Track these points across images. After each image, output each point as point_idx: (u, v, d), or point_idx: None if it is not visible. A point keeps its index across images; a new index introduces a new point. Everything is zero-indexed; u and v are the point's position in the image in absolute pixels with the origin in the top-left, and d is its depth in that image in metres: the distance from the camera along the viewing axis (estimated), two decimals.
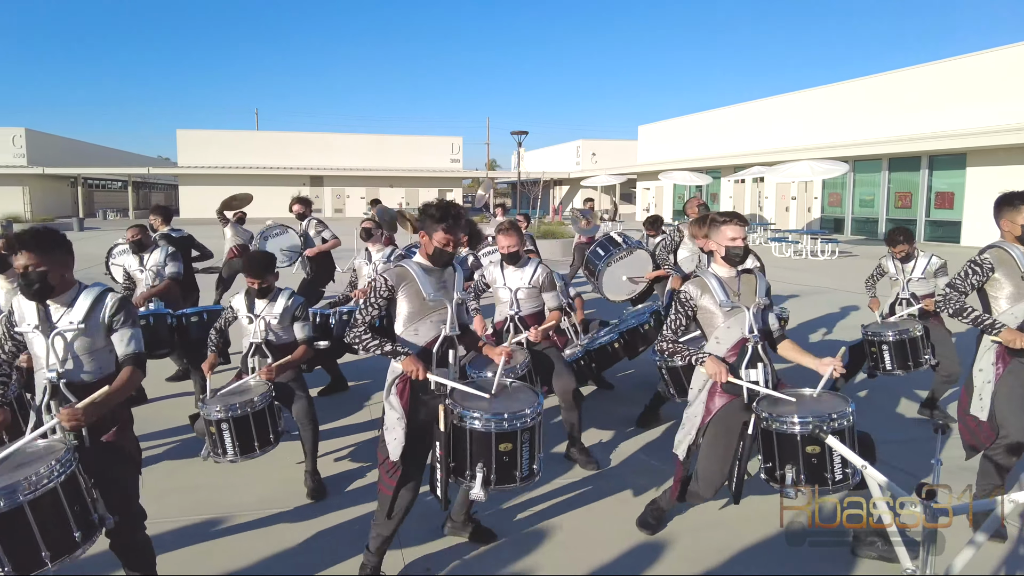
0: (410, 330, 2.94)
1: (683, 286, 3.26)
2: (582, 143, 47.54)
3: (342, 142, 42.02)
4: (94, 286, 2.64)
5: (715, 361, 3.07)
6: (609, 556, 3.27)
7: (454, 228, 2.90)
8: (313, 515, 3.65)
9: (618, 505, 3.77)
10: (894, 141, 21.82)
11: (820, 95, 26.58)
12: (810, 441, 2.80)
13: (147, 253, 5.70)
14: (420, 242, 3.01)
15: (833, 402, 3.02)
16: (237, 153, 39.60)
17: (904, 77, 22.79)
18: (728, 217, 3.21)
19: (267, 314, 4.13)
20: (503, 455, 2.65)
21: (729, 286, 3.18)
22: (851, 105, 24.66)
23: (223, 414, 3.58)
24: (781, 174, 20.97)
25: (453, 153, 42.85)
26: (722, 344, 3.17)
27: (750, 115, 30.42)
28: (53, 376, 2.50)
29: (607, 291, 6.66)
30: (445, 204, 2.94)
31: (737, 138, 30.76)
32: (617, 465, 4.36)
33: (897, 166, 22.66)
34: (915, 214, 21.87)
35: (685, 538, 3.41)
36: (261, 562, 3.22)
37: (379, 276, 2.94)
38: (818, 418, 2.79)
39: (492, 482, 2.67)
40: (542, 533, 3.48)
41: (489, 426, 2.65)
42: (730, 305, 3.13)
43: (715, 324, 3.17)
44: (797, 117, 27.38)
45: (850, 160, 22.56)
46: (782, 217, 26.87)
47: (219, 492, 3.92)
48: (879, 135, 22.81)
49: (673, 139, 36.30)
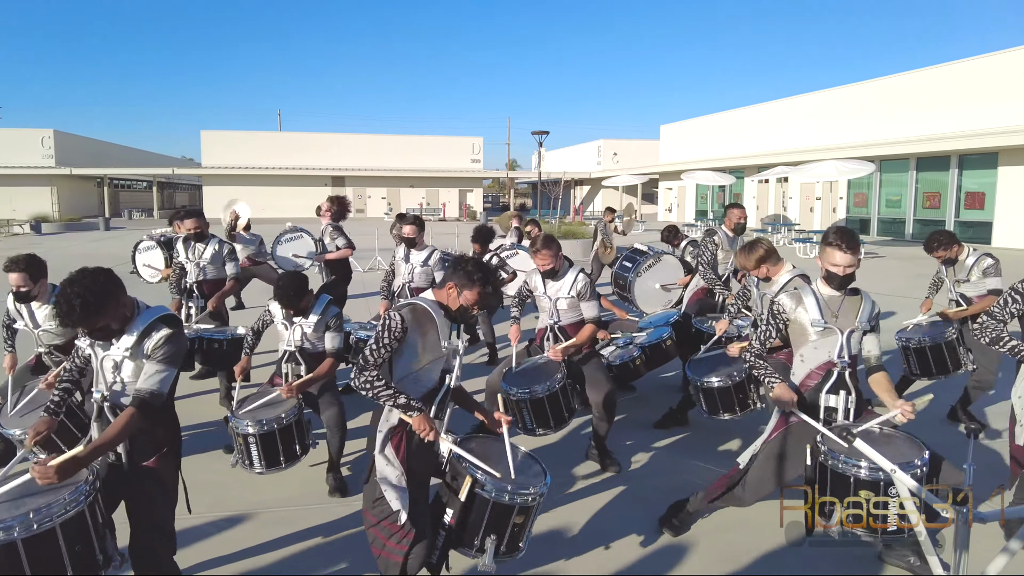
0: (411, 376, 2.70)
1: (777, 298, 3.14)
2: (603, 143, 47.38)
3: (363, 143, 42.29)
4: (152, 311, 2.51)
5: (785, 389, 2.98)
6: (632, 558, 3.24)
7: (487, 290, 2.73)
8: (335, 513, 3.66)
9: (639, 506, 3.73)
10: (922, 140, 21.42)
11: (846, 94, 26.19)
12: (865, 485, 2.67)
13: (201, 245, 5.61)
14: (445, 295, 2.75)
15: (904, 448, 2.80)
16: (260, 154, 40.04)
17: (933, 75, 22.37)
18: (839, 240, 2.95)
19: (302, 322, 4.12)
20: (516, 527, 2.61)
21: (828, 306, 3.03)
22: (878, 104, 24.27)
23: (252, 429, 3.60)
24: (806, 174, 20.69)
25: (473, 153, 42.89)
26: (806, 363, 3.05)
27: (774, 114, 30.08)
28: (98, 397, 2.50)
29: (641, 303, 6.51)
30: (486, 266, 2.75)
31: (761, 137, 30.44)
32: (639, 467, 4.32)
33: (925, 166, 22.24)
34: (944, 215, 21.46)
35: (707, 540, 3.36)
36: (283, 560, 3.23)
37: (395, 314, 2.63)
38: (875, 466, 2.61)
39: (502, 553, 2.61)
40: (564, 534, 3.46)
41: (515, 500, 2.56)
42: (823, 325, 2.99)
43: (803, 341, 3.05)
44: (822, 116, 27.02)
45: (876, 160, 22.21)
46: (806, 218, 26.52)
47: (243, 488, 3.95)
48: (907, 134, 22.42)
49: (696, 138, 36.03)
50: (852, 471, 2.70)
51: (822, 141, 26.24)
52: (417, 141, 43.25)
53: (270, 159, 40.08)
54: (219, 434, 4.75)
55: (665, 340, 5.26)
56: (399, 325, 2.60)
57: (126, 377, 2.48)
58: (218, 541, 3.39)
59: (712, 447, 4.59)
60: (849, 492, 2.71)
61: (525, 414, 4.08)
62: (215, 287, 5.60)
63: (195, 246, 5.61)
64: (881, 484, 2.64)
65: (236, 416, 3.70)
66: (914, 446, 2.81)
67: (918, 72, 23.08)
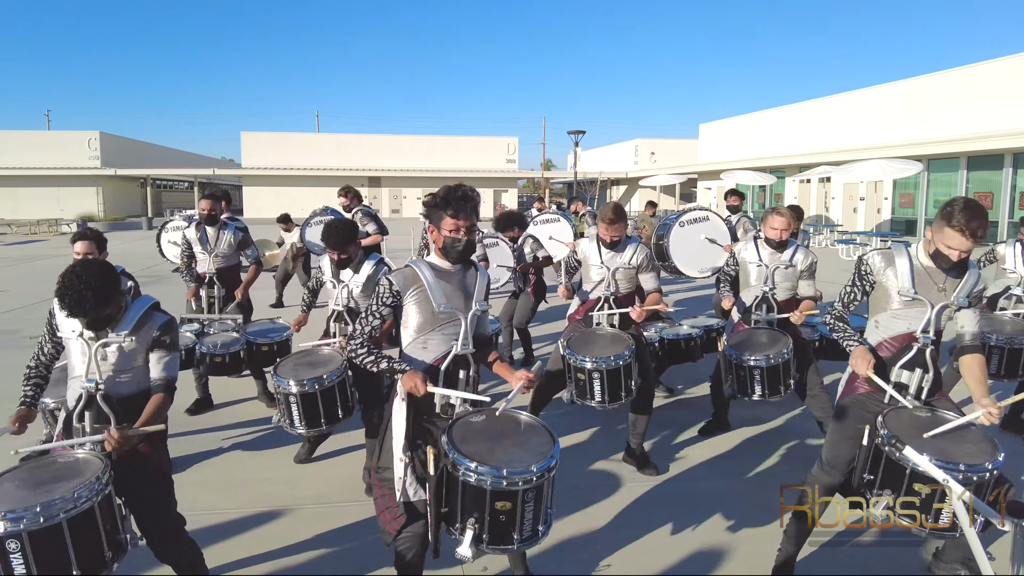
0: (418, 343, 2.58)
1: (868, 256, 2.88)
2: (640, 142, 46.89)
3: (399, 143, 42.67)
4: (142, 300, 2.59)
5: (863, 353, 2.71)
6: (671, 560, 3.17)
7: (462, 210, 2.51)
8: (372, 512, 3.65)
9: (679, 511, 3.63)
10: (974, 138, 20.66)
11: (892, 91, 25.43)
12: (919, 479, 2.41)
13: (215, 230, 5.44)
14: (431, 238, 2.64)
15: (977, 447, 2.47)
16: (298, 154, 40.70)
17: (986, 71, 21.55)
18: (966, 221, 2.53)
19: (351, 281, 4.14)
20: (499, 514, 2.19)
21: (923, 276, 2.74)
22: (925, 101, 23.50)
23: (294, 388, 3.63)
24: (849, 174, 20.16)
25: (509, 153, 42.91)
26: (880, 331, 2.82)
27: (816, 113, 29.40)
28: (91, 386, 2.45)
29: (678, 258, 5.81)
30: (449, 187, 2.56)
31: (803, 136, 29.78)
32: (682, 472, 4.21)
33: (977, 164, 21.45)
34: (997, 215, 20.64)
35: (747, 546, 3.26)
36: (318, 559, 3.23)
37: (384, 279, 2.56)
38: (947, 466, 2.33)
39: (485, 541, 2.22)
40: (604, 536, 3.39)
41: (483, 482, 2.16)
42: (911, 295, 2.72)
43: (884, 307, 2.81)
44: (867, 114, 26.29)
45: (924, 159, 21.51)
46: (849, 219, 25.85)
47: (282, 485, 3.98)
48: (957, 132, 21.65)
49: (736, 137, 35.44)
50: (908, 463, 2.43)
51: (866, 140, 25.53)
52: (452, 141, 43.46)
53: (308, 160, 40.71)
54: (261, 433, 4.82)
55: (688, 341, 5.13)
56: (387, 290, 2.53)
57: (122, 365, 2.50)
58: (255, 536, 3.41)
59: (750, 450, 4.49)
60: (903, 484, 2.45)
61: (596, 385, 3.89)
62: (230, 274, 5.49)
63: (206, 230, 5.41)
64: (896, 447, 2.43)
65: (278, 373, 3.72)
66: (988, 445, 2.47)
67: (971, 67, 22.27)
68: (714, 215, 6.27)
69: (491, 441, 2.33)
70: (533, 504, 2.23)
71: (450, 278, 2.61)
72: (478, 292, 2.65)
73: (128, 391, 2.53)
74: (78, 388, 2.48)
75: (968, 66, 22.34)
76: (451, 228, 2.53)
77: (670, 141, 46.81)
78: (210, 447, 4.57)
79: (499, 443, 2.32)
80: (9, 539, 2.04)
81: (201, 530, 3.38)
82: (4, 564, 2.06)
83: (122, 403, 2.50)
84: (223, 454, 4.48)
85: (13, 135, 38.77)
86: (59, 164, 38.47)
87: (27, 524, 2.04)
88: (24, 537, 2.04)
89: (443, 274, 2.60)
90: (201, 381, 5.25)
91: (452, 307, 2.56)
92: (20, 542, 2.05)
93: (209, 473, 4.16)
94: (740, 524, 3.46)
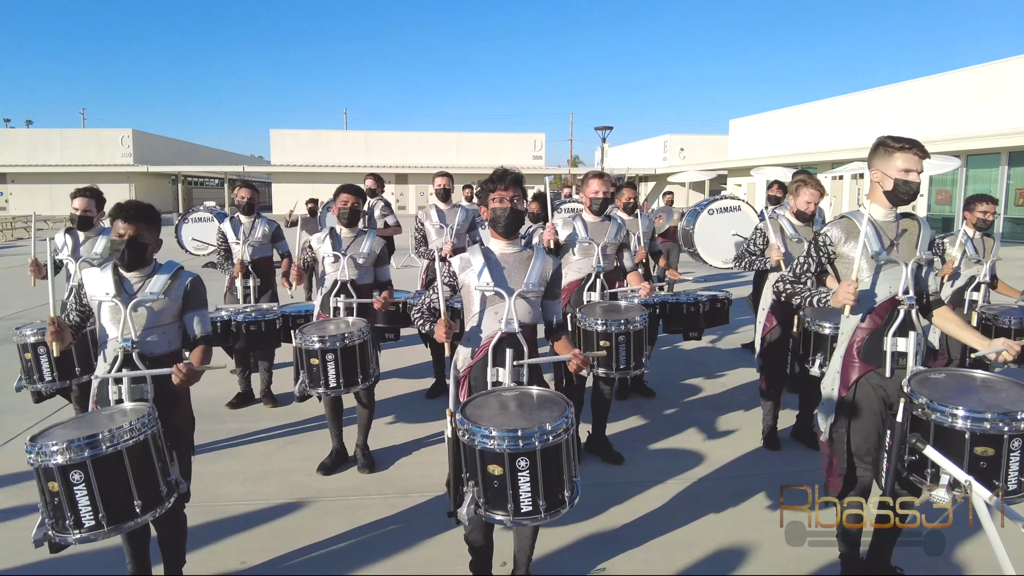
0: (473, 321, 2.72)
1: (826, 228, 2.72)
2: (669, 138, 46.41)
3: (426, 140, 42.86)
4: (169, 264, 2.79)
5: (845, 287, 2.50)
6: (691, 559, 3.13)
7: (500, 181, 2.70)
8: (396, 506, 3.66)
9: (699, 509, 3.57)
10: (1016, 134, 20.03)
11: (927, 85, 24.79)
12: (981, 441, 2.16)
13: (250, 220, 5.42)
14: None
15: (1014, 394, 2.28)
16: (327, 152, 41.15)
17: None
18: (906, 144, 2.51)
19: (353, 252, 4.15)
20: (492, 479, 2.14)
21: (885, 232, 2.61)
22: (964, 96, 22.84)
23: (317, 344, 3.59)
24: None
25: (535, 150, 42.83)
26: (861, 304, 2.61)
27: (849, 108, 28.80)
28: (128, 344, 2.58)
29: (702, 246, 5.67)
30: (496, 172, 2.77)
31: (835, 132, 29.20)
32: (711, 472, 4.14)
33: (1019, 160, 20.79)
34: None
35: (769, 548, 3.20)
36: (340, 550, 3.24)
37: (448, 261, 2.77)
38: (998, 415, 2.14)
39: (481, 506, 2.20)
40: (627, 533, 3.34)
41: (473, 441, 2.14)
42: (885, 258, 2.57)
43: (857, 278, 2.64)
44: (901, 109, 25.66)
45: (962, 155, 20.91)
46: None
47: (306, 476, 4.02)
48: (997, 127, 21.00)
49: (767, 133, 34.89)
50: (959, 424, 2.18)
51: (902, 135, 24.90)
52: (479, 138, 43.52)
53: (337, 157, 41.13)
54: (288, 426, 4.90)
55: (692, 306, 4.81)
56: (447, 269, 2.73)
57: (153, 324, 2.66)
58: (281, 526, 3.44)
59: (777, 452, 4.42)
60: (963, 450, 2.20)
61: (622, 351, 3.85)
62: (264, 265, 5.50)
63: (241, 219, 5.40)
64: (1005, 437, 2.14)
65: (304, 333, 3.71)
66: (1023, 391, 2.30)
67: (1011, 60, 21.58)
68: (747, 206, 6.08)
69: (503, 409, 2.37)
70: (530, 475, 2.12)
71: (505, 260, 2.74)
72: (530, 275, 2.71)
73: (160, 351, 2.68)
74: (113, 350, 2.61)
75: (1010, 59, 21.65)
76: (496, 199, 2.70)
77: (700, 137, 46.29)
78: (237, 438, 4.64)
79: (507, 410, 2.37)
80: (73, 470, 2.05)
81: (227, 520, 3.44)
82: (69, 498, 2.07)
83: (155, 361, 2.64)
84: (250, 445, 4.54)
85: (54, 133, 39.88)
86: (93, 161, 39.45)
87: (91, 452, 2.07)
88: (88, 466, 2.06)
89: (499, 257, 2.74)
90: (244, 375, 5.36)
91: (496, 287, 2.65)
92: (84, 472, 2.06)
93: (236, 464, 4.22)
94: (764, 526, 3.39)
